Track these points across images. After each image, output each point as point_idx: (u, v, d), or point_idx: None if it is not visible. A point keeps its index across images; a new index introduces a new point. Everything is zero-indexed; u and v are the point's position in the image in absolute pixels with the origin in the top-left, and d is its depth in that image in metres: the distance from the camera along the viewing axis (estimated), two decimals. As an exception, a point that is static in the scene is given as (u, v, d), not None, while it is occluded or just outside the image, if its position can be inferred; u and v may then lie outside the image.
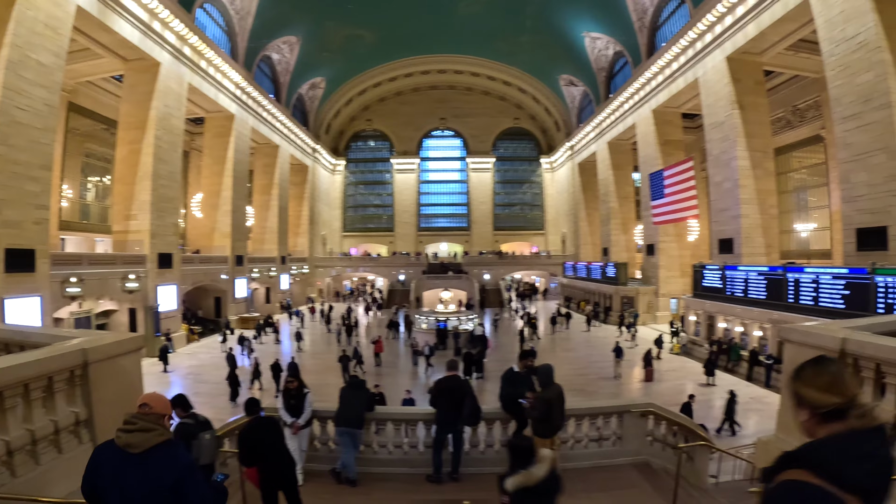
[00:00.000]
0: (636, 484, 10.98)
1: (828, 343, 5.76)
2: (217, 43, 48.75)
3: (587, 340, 48.12)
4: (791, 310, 30.31)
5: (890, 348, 5.20)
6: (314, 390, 12.24)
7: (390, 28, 69.10)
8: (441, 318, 50.01)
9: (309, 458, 11.62)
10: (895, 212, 26.40)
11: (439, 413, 11.31)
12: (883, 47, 26.64)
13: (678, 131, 57.52)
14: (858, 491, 2.29)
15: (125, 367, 6.55)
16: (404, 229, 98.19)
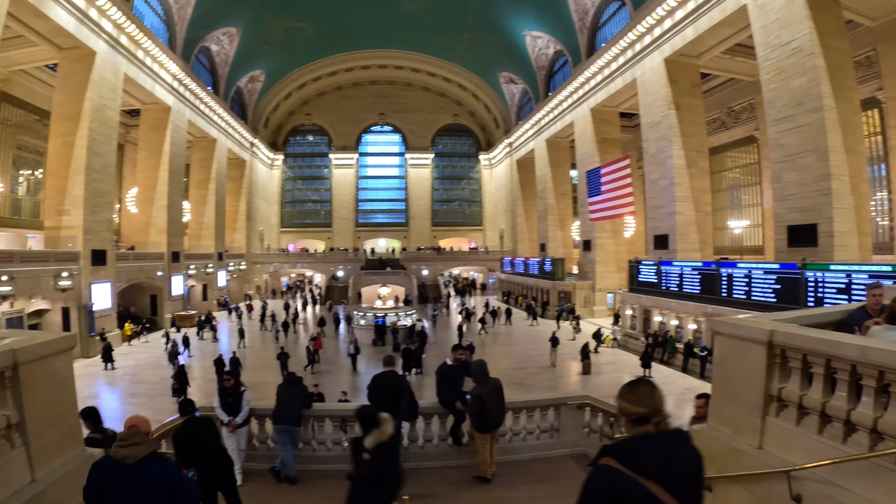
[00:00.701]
0: (575, 474, 11.02)
1: (756, 335, 6.08)
2: (155, 32, 47.54)
3: (526, 334, 48.86)
4: (724, 303, 31.54)
5: (816, 339, 5.48)
6: (252, 388, 12.47)
7: (331, 22, 68.65)
8: (379, 315, 49.85)
9: (248, 458, 11.44)
10: (825, 210, 27.92)
11: (377, 408, 10.68)
12: (817, 53, 28.16)
13: (616, 130, 58.90)
14: (652, 476, 3.21)
15: (57, 367, 6.17)
16: (342, 225, 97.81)
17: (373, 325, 47.25)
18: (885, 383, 4.76)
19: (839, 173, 28.00)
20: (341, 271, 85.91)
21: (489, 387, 11.09)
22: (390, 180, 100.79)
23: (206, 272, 63.32)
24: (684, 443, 3.58)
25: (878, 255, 34.60)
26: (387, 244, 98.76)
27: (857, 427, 4.95)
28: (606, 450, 3.49)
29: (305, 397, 11.65)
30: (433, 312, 58.26)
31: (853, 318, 7.13)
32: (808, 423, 5.46)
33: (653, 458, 3.29)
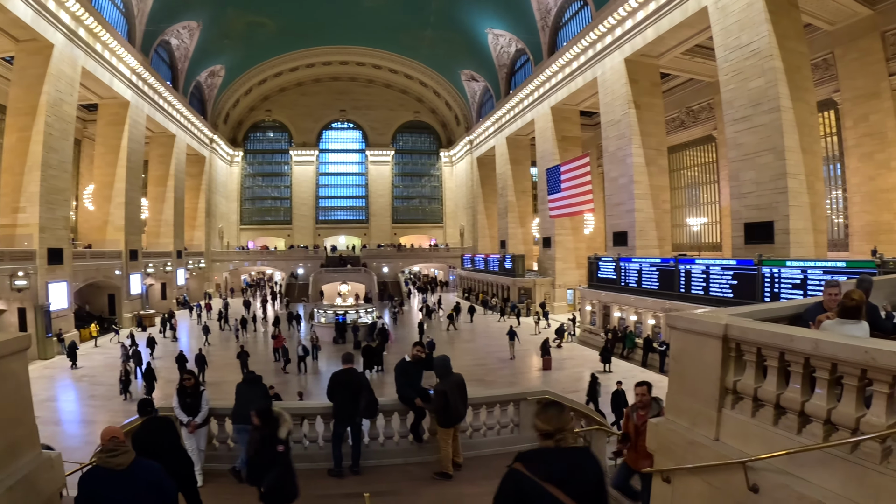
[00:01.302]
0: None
1: (711, 329, 6.11)
2: (114, 25, 46.44)
3: (486, 331, 49.05)
4: (683, 299, 32.16)
5: (769, 333, 5.56)
6: (212, 387, 12.28)
7: (293, 17, 68.02)
8: (339, 312, 49.57)
9: (208, 458, 11.28)
10: (781, 208, 28.53)
11: (336, 406, 11.17)
12: (775, 55, 28.75)
13: (576, 128, 59.31)
14: (552, 481, 4.03)
15: (12, 369, 5.98)
16: (302, 222, 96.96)
17: (333, 322, 46.91)
18: (837, 375, 4.87)
19: (795, 172, 28.62)
20: (301, 269, 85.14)
21: (452, 382, 11.16)
22: (350, 177, 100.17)
23: (165, 271, 62.24)
24: (585, 455, 4.50)
25: (832, 251, 35.70)
26: (347, 241, 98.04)
27: (812, 418, 5.05)
28: (519, 456, 4.36)
29: (265, 396, 11.31)
30: (394, 310, 58.10)
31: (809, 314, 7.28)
32: (763, 415, 5.55)
33: (552, 465, 4.15)
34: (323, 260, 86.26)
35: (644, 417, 8.38)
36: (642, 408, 8.80)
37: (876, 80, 35.01)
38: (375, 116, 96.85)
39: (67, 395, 29.88)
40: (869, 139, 35.56)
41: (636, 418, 8.75)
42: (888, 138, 34.69)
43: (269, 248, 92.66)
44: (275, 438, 8.13)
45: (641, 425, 8.23)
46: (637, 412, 8.82)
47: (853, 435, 4.61)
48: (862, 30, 35.45)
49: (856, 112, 36.30)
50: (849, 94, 36.68)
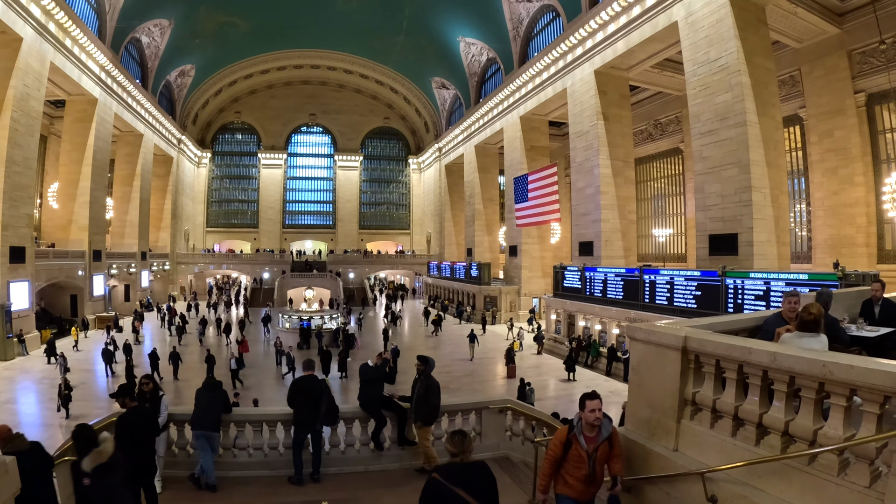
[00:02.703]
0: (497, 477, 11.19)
1: (671, 341, 6.21)
2: (84, 21, 45.51)
3: (451, 338, 48.68)
4: (647, 309, 32.41)
5: (727, 345, 5.64)
6: (175, 392, 12.07)
7: (266, 18, 67.53)
8: (304, 318, 49.49)
9: (167, 465, 11.01)
10: (745, 220, 28.89)
11: (297, 413, 11.10)
12: (742, 71, 29.15)
13: (544, 138, 59.66)
14: (461, 486, 5.66)
15: None
16: (269, 226, 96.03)
17: (298, 328, 46.54)
18: (795, 388, 4.91)
19: (760, 186, 29.00)
20: (267, 273, 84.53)
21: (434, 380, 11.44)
22: (318, 182, 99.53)
23: (129, 272, 61.08)
24: (481, 467, 6.08)
25: (795, 263, 36.34)
26: (313, 246, 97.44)
27: (770, 430, 5.09)
28: (435, 469, 6.05)
29: (224, 402, 11.23)
30: (359, 316, 57.83)
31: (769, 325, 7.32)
32: (721, 426, 5.59)
33: (460, 475, 5.79)
34: (289, 264, 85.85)
35: (594, 442, 6.33)
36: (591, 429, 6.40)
37: (841, 98, 35.71)
38: (345, 121, 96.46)
39: (27, 397, 29.21)
40: (833, 155, 36.20)
41: (584, 443, 6.36)
42: (852, 154, 35.35)
43: (235, 251, 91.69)
44: (79, 469, 7.02)
45: (593, 451, 6.31)
46: (584, 435, 6.39)
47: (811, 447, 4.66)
48: (829, 48, 36.19)
49: (821, 128, 36.97)
50: (814, 110, 37.37)
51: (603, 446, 6.35)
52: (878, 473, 4.22)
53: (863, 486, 4.25)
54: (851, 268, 26.13)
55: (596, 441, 6.33)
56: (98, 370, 34.04)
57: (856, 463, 4.39)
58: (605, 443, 6.35)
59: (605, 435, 6.35)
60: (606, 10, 39.18)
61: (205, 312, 57.89)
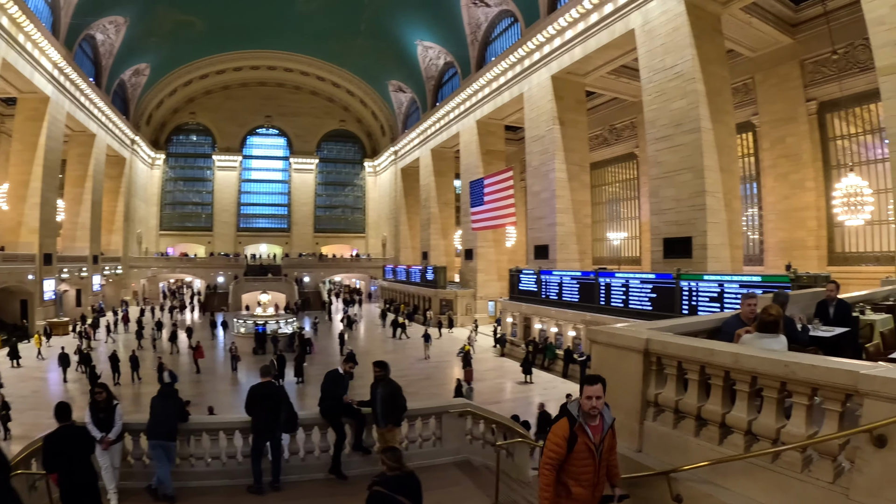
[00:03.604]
0: (459, 482, 11.15)
1: (632, 343, 6.29)
2: (38, 16, 44.08)
3: (409, 342, 48.60)
4: (603, 311, 32.75)
5: (690, 347, 5.74)
6: (128, 400, 11.72)
7: (223, 18, 66.49)
8: (259, 322, 48.87)
9: (123, 476, 10.48)
10: (699, 224, 29.35)
11: (255, 421, 10.80)
12: (697, 79, 29.68)
13: (500, 142, 59.91)
14: (400, 493, 6.30)
15: None
16: (223, 229, 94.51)
17: (253, 332, 46.02)
18: (757, 388, 5.01)
19: (713, 190, 29.52)
20: (222, 277, 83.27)
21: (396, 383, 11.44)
22: (274, 184, 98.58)
23: (81, 276, 59.49)
24: (412, 476, 6.66)
25: (748, 266, 36.99)
26: (268, 250, 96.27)
27: (733, 429, 5.17)
28: (376, 482, 6.49)
29: (181, 410, 10.93)
30: (315, 320, 57.42)
31: (728, 327, 7.45)
32: (685, 427, 5.67)
33: (398, 484, 6.41)
34: (244, 268, 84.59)
35: (600, 432, 5.42)
36: (592, 418, 5.45)
37: (793, 105, 36.69)
38: (301, 124, 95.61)
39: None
40: (785, 160, 37.22)
41: (591, 434, 5.39)
42: (803, 160, 36.36)
43: (189, 254, 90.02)
44: None
45: (600, 443, 5.41)
46: (589, 425, 5.39)
47: (774, 445, 4.74)
48: (782, 57, 37.22)
49: (773, 134, 37.97)
50: (767, 117, 38.38)
51: (608, 437, 5.45)
52: (842, 469, 4.33)
53: (827, 481, 4.36)
54: (803, 270, 26.65)
55: (601, 431, 5.41)
56: (52, 378, 33.28)
57: (819, 460, 4.50)
58: (609, 432, 5.45)
59: (609, 422, 5.45)
60: (564, 17, 39.48)
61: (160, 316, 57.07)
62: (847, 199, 26.69)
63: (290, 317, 54.80)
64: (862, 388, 4.07)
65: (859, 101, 33.79)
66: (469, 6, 53.65)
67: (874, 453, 3.94)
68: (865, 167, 33.08)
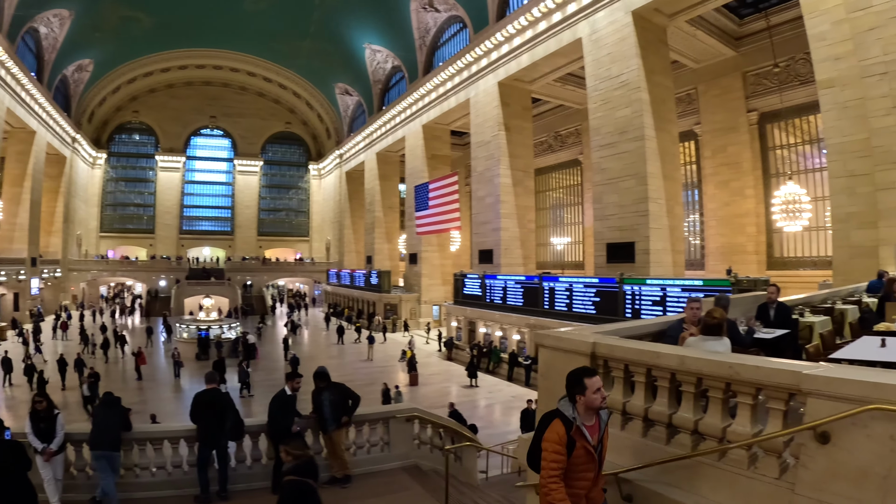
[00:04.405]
0: (408, 486, 11.16)
1: (579, 347, 6.36)
2: None
3: (355, 348, 48.15)
4: (547, 315, 33.20)
5: (636, 350, 5.82)
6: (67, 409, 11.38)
7: (170, 15, 65.18)
8: (202, 327, 48.17)
9: (66, 488, 10.12)
10: (642, 230, 30.00)
11: (200, 429, 10.57)
12: (642, 88, 30.34)
13: (446, 147, 60.22)
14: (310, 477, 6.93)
15: None
16: (166, 231, 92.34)
17: (196, 338, 45.50)
18: (703, 389, 5.12)
19: (656, 197, 30.22)
20: (164, 281, 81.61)
21: None
22: (217, 186, 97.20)
23: (18, 279, 57.51)
24: (313, 460, 7.46)
25: (690, 270, 37.93)
26: (211, 253, 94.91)
27: (680, 429, 5.28)
28: (289, 472, 6.90)
29: (124, 419, 10.58)
30: (258, 325, 56.81)
31: (673, 330, 7.62)
32: (632, 428, 5.76)
33: (307, 471, 6.94)
34: (186, 272, 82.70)
35: (597, 432, 4.89)
36: (591, 416, 4.89)
37: (735, 116, 38.22)
38: (246, 125, 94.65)
39: None
40: (726, 168, 38.66)
41: (588, 435, 4.78)
42: (743, 168, 37.91)
43: (130, 257, 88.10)
44: None
45: (598, 445, 4.87)
46: (585, 425, 4.79)
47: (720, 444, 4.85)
48: (725, 69, 38.64)
49: (715, 143, 39.41)
50: (709, 126, 39.80)
51: (605, 436, 4.97)
52: (787, 465, 4.45)
53: (773, 477, 4.47)
54: (743, 274, 27.38)
55: (598, 430, 4.89)
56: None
57: (764, 457, 4.61)
58: (606, 429, 4.96)
59: (606, 419, 4.98)
60: (513, 24, 39.88)
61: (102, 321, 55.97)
62: (786, 206, 27.65)
63: (234, 322, 54.06)
64: (805, 388, 4.19)
65: (799, 113, 35.25)
66: (418, 11, 53.79)
67: (818, 449, 4.07)
68: (804, 176, 34.45)
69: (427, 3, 52.45)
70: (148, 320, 61.81)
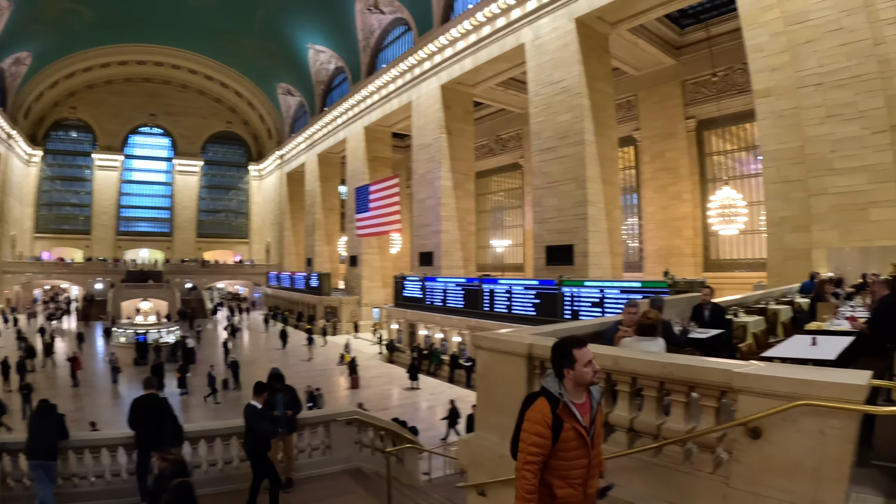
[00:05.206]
0: (350, 490, 11.21)
1: (516, 349, 6.42)
2: None
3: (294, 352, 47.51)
4: (487, 317, 33.36)
5: None
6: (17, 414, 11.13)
7: (112, 8, 63.80)
8: (140, 331, 47.43)
9: (3, 500, 9.94)
10: (581, 232, 30.43)
11: (139, 435, 10.37)
12: (583, 94, 30.84)
13: (388, 149, 60.17)
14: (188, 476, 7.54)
15: None
16: (102, 232, 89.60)
17: (134, 342, 44.61)
18: (637, 388, 5.20)
19: (595, 200, 30.70)
20: (101, 284, 79.23)
21: None
22: (156, 186, 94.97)
23: None
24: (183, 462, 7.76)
25: (628, 272, 39.10)
26: (150, 255, 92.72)
27: (616, 427, 5.35)
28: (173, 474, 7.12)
29: (60, 427, 10.30)
30: (197, 328, 55.98)
31: (609, 331, 7.76)
32: (570, 427, 5.84)
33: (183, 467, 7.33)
34: (124, 275, 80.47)
35: (589, 412, 4.21)
36: (582, 393, 4.24)
37: (673, 122, 39.23)
38: (187, 124, 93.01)
39: None
40: (664, 173, 39.60)
41: (579, 415, 4.13)
42: (680, 173, 38.88)
43: (66, 259, 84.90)
44: None
45: (591, 426, 4.19)
46: (574, 403, 4.14)
47: (655, 441, 4.94)
48: (665, 77, 39.56)
49: (653, 149, 40.28)
50: (648, 132, 40.68)
51: (598, 416, 4.30)
52: (721, 460, 4.57)
53: (708, 472, 4.60)
54: (680, 276, 28.01)
55: (590, 409, 4.22)
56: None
57: (699, 452, 4.72)
58: (598, 410, 4.31)
59: (598, 397, 4.33)
60: (457, 28, 40.05)
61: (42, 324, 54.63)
62: (722, 210, 28.32)
63: (173, 325, 53.22)
64: (736, 385, 4.31)
65: (735, 121, 36.32)
66: (363, 12, 53.70)
67: (750, 444, 4.18)
68: (740, 181, 35.41)
69: (372, 5, 52.37)
70: (86, 324, 60.56)
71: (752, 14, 22.63)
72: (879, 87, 18.99)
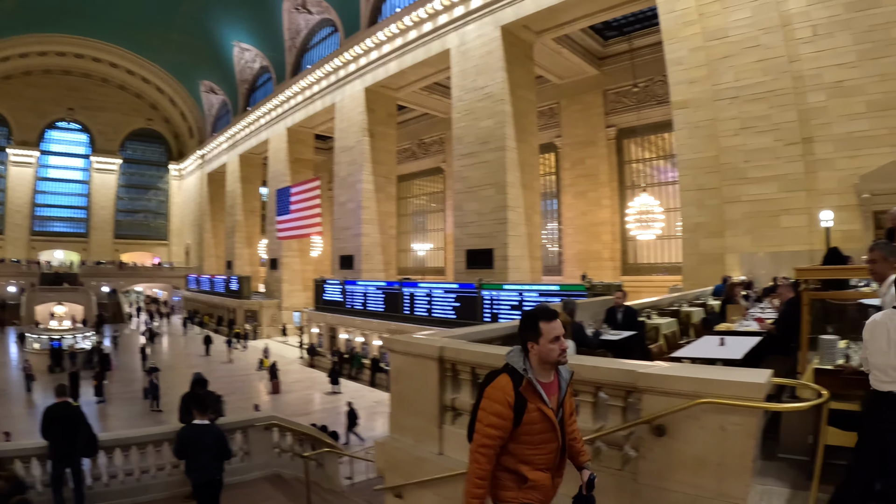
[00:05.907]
0: (271, 496, 11.04)
1: (428, 352, 6.47)
2: None
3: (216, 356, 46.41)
4: (408, 320, 33.40)
5: (482, 353, 6.03)
6: None
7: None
8: (55, 337, 46.02)
9: None
10: (500, 237, 30.90)
11: (52, 445, 9.80)
12: (506, 100, 31.29)
13: (310, 151, 59.93)
14: None
15: None
16: (16, 232, 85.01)
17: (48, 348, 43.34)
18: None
19: (515, 205, 31.20)
20: (13, 287, 75.15)
21: None
22: (73, 185, 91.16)
23: None
24: None
25: (548, 276, 39.49)
26: (65, 256, 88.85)
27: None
28: (12, 492, 6.84)
29: None
30: (114, 333, 54.53)
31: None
32: (481, 428, 5.87)
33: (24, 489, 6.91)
34: (38, 277, 76.50)
35: (557, 392, 3.80)
36: (549, 372, 3.82)
37: (594, 130, 40.25)
38: (106, 120, 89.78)
39: None
40: (584, 179, 40.55)
41: (545, 395, 3.69)
42: (600, 180, 39.96)
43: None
44: None
45: (559, 409, 3.79)
46: (541, 382, 3.72)
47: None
48: (587, 86, 40.59)
49: (574, 156, 41.22)
50: (569, 139, 41.57)
51: (567, 399, 3.89)
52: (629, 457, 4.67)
53: (616, 468, 4.73)
54: (598, 279, 28.53)
55: (558, 390, 3.81)
56: None
57: (608, 450, 4.85)
58: (568, 392, 3.89)
59: (568, 377, 3.87)
60: (384, 31, 40.04)
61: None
62: (639, 215, 29.20)
63: (89, 331, 51.76)
64: (640, 385, 4.45)
65: (654, 130, 37.62)
66: (291, 11, 53.33)
67: (655, 441, 4.33)
68: (657, 188, 36.53)
69: (300, 4, 52.03)
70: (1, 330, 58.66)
71: (673, 29, 23.36)
72: (793, 101, 19.80)
